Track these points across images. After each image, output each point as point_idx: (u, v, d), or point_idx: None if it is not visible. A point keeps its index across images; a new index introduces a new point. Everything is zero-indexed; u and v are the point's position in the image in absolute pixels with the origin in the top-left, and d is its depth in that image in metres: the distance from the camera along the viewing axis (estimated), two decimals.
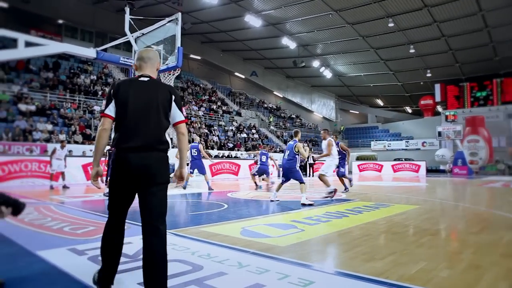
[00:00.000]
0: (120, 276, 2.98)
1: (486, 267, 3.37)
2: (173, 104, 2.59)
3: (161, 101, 2.55)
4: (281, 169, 9.08)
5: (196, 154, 11.54)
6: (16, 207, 2.39)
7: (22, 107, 17.93)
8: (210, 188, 11.58)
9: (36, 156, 14.00)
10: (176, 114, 2.62)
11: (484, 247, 4.17)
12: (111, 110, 2.53)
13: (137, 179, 2.45)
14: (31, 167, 13.04)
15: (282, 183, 8.77)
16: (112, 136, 2.69)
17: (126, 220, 2.69)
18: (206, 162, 13.51)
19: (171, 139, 16.66)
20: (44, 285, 2.86)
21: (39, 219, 5.76)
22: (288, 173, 8.58)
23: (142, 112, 2.49)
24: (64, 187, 11.89)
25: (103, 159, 13.54)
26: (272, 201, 8.59)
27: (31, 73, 21.45)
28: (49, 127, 17.61)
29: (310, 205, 7.85)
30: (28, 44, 4.10)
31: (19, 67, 21.56)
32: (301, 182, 8.33)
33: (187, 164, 11.63)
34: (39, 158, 13.63)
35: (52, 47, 4.68)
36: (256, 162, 14.24)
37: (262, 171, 12.62)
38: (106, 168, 10.30)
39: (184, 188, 11.60)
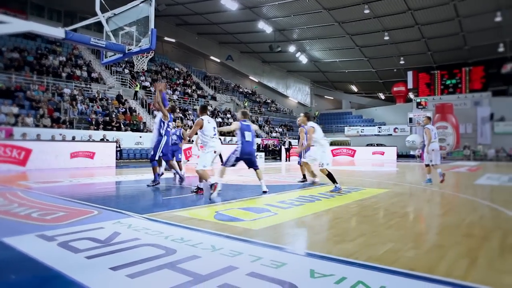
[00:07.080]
0: (92, 261, 2.94)
1: (449, 246, 3.54)
2: None
3: None
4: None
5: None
6: None
7: None
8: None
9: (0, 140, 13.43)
10: None
11: (448, 228, 4.38)
12: None
13: None
14: None
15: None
16: None
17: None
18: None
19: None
20: (12, 273, 2.78)
21: (4, 205, 5.56)
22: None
23: None
24: None
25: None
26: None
27: None
28: (15, 110, 16.87)
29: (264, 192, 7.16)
30: None
31: None
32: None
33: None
34: (4, 142, 13.07)
35: (16, 25, 4.29)
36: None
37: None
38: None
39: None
